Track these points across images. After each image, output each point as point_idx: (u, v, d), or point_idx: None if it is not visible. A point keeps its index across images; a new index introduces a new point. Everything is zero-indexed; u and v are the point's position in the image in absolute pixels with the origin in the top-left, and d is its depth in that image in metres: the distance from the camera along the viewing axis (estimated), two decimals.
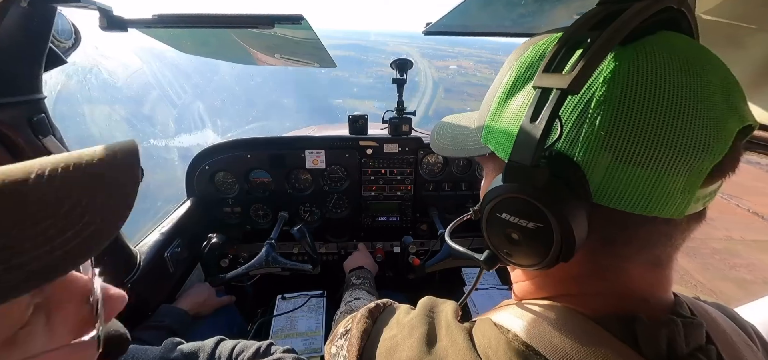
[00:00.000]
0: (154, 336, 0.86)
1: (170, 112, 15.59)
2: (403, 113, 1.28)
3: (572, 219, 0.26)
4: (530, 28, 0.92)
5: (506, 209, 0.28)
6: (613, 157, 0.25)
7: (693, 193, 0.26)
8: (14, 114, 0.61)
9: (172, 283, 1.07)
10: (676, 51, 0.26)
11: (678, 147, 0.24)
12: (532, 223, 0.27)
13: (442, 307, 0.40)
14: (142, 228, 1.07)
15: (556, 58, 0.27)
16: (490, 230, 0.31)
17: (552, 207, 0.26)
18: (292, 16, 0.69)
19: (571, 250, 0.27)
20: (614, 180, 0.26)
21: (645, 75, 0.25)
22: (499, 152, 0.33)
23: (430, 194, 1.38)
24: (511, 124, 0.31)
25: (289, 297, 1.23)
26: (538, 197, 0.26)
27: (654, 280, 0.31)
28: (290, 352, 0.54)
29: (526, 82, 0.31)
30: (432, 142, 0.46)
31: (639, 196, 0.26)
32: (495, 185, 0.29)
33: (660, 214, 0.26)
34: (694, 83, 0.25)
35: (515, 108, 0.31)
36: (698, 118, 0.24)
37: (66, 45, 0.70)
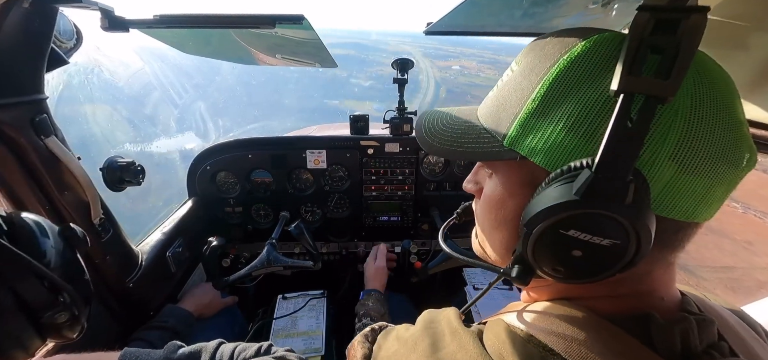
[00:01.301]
0: (159, 336, 0.86)
1: (172, 112, 15.63)
2: (404, 113, 1.28)
3: (652, 232, 0.25)
4: (532, 27, 0.91)
5: (579, 226, 0.25)
6: (678, 168, 0.26)
7: (725, 198, 0.28)
8: (16, 114, 0.61)
9: (173, 282, 1.07)
10: (716, 71, 0.27)
11: (730, 159, 0.26)
12: (607, 241, 0.25)
13: (443, 315, 0.38)
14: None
15: (635, 62, 0.24)
16: (542, 246, 0.28)
17: (641, 226, 0.24)
18: (293, 16, 0.69)
19: (635, 264, 0.26)
20: (673, 190, 0.26)
21: (706, 90, 0.26)
22: (539, 159, 0.29)
23: (431, 194, 1.38)
24: (567, 130, 0.27)
25: (290, 297, 1.23)
26: (628, 215, 0.24)
27: (667, 278, 0.32)
28: (291, 351, 0.54)
29: (581, 83, 0.27)
30: (422, 141, 0.40)
31: (689, 205, 0.27)
32: (562, 200, 0.25)
33: (699, 219, 0.28)
34: (734, 100, 0.27)
35: (573, 111, 0.27)
36: (740, 132, 0.26)
37: (68, 45, 0.70)
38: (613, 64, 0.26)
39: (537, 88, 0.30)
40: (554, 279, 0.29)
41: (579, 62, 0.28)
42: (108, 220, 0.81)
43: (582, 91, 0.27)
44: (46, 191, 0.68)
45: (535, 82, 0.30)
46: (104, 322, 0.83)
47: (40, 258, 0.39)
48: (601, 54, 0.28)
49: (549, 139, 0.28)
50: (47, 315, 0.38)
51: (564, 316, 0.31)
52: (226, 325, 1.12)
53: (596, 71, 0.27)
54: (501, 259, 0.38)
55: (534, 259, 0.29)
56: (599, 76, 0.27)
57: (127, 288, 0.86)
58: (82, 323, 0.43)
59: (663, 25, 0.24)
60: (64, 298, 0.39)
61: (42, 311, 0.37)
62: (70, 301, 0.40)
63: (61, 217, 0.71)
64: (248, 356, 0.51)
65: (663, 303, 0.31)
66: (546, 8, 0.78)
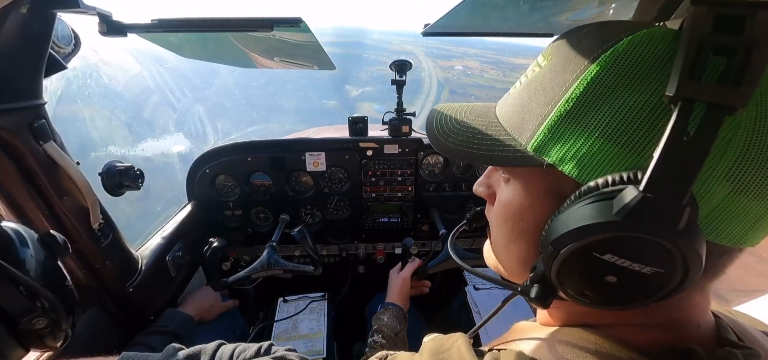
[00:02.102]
0: (159, 341, 0.86)
1: (170, 116, 15.62)
2: (402, 114, 1.28)
3: (703, 259, 0.21)
4: (532, 28, 0.92)
5: (616, 251, 0.22)
6: (733, 189, 0.22)
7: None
8: (15, 120, 0.61)
9: (173, 287, 1.07)
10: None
11: None
12: (650, 268, 0.22)
13: (454, 346, 0.33)
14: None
15: (696, 65, 0.20)
16: (569, 268, 0.24)
17: (692, 255, 0.21)
18: (291, 19, 0.70)
19: (677, 293, 0.23)
20: (725, 213, 0.23)
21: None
22: (569, 169, 0.25)
23: (431, 195, 1.38)
24: (605, 138, 0.24)
25: (290, 299, 1.23)
26: (680, 242, 0.20)
27: (702, 306, 0.28)
28: (291, 350, 0.54)
29: (627, 85, 0.24)
30: (434, 140, 0.37)
31: (741, 230, 0.23)
32: (598, 218, 0.22)
33: (746, 245, 0.24)
34: None
35: (614, 116, 0.24)
36: None
37: (66, 51, 0.70)
38: (667, 65, 0.22)
39: (572, 87, 0.26)
40: (579, 303, 0.26)
41: (625, 60, 0.24)
42: (107, 225, 0.81)
43: (627, 94, 0.23)
44: (45, 197, 0.68)
45: (569, 81, 0.26)
46: (105, 328, 0.83)
47: (17, 265, 0.38)
48: (653, 52, 0.24)
49: (583, 147, 0.25)
50: (24, 321, 0.38)
51: (592, 349, 0.27)
52: (227, 329, 1.12)
53: (646, 72, 0.23)
54: (516, 274, 0.35)
55: (558, 280, 0.26)
56: (650, 78, 0.23)
57: (127, 293, 0.86)
58: (65, 330, 0.43)
59: (725, 22, 0.20)
60: (41, 303, 0.39)
61: (18, 317, 0.37)
62: (49, 307, 0.40)
63: (61, 223, 0.71)
64: (248, 356, 0.50)
65: (699, 331, 0.27)
66: (544, 7, 0.78)
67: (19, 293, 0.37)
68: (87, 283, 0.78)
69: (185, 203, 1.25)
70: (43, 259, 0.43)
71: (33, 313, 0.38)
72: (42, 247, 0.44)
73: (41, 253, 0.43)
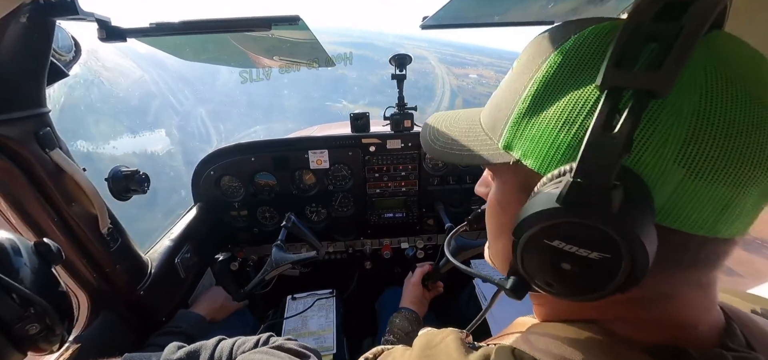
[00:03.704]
0: (171, 342, 0.87)
1: (173, 120, 15.72)
2: (404, 109, 1.28)
3: (649, 247, 0.21)
4: (530, 16, 0.90)
5: (562, 236, 0.23)
6: (687, 173, 0.22)
7: (759, 211, 0.24)
8: (21, 129, 0.62)
9: (184, 288, 1.08)
10: (742, 57, 0.23)
11: (758, 162, 0.22)
12: (596, 253, 0.22)
13: (442, 343, 0.33)
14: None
15: (626, 53, 0.21)
16: (529, 257, 0.26)
17: (630, 238, 0.21)
18: (289, 17, 0.69)
19: (635, 282, 0.23)
20: (683, 198, 0.23)
21: (723, 81, 0.22)
22: (531, 163, 0.27)
23: (435, 189, 1.38)
24: (557, 127, 0.25)
25: (299, 297, 1.24)
26: (612, 224, 0.21)
27: (702, 304, 0.27)
28: (290, 339, 0.55)
29: (572, 79, 0.25)
30: (425, 144, 0.39)
31: (708, 216, 0.23)
32: (543, 207, 0.23)
33: (723, 234, 0.24)
34: (767, 94, 0.23)
35: (564, 108, 0.25)
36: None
37: (67, 58, 0.70)
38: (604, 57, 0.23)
39: (529, 86, 0.28)
40: (549, 294, 0.27)
41: (572, 56, 0.26)
42: (116, 230, 0.82)
43: (573, 88, 0.25)
44: (53, 204, 0.69)
45: (526, 80, 0.28)
46: (118, 331, 0.84)
47: (10, 273, 0.41)
48: (595, 45, 0.25)
49: (540, 141, 0.26)
50: (18, 327, 0.40)
51: (577, 340, 0.27)
52: (238, 328, 1.13)
53: (590, 65, 0.25)
54: (504, 270, 0.35)
55: (524, 270, 0.27)
56: (593, 71, 0.24)
57: (139, 296, 0.87)
58: (60, 334, 0.46)
59: (670, 8, 0.20)
60: (34, 310, 0.41)
61: (12, 323, 0.40)
62: (41, 312, 0.42)
63: (70, 229, 0.72)
64: (247, 348, 0.51)
65: (696, 332, 0.27)
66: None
67: (12, 301, 0.40)
68: (99, 287, 0.80)
69: (191, 205, 1.27)
70: (37, 267, 0.45)
71: (26, 319, 0.41)
72: (36, 256, 0.46)
73: (35, 262, 0.45)
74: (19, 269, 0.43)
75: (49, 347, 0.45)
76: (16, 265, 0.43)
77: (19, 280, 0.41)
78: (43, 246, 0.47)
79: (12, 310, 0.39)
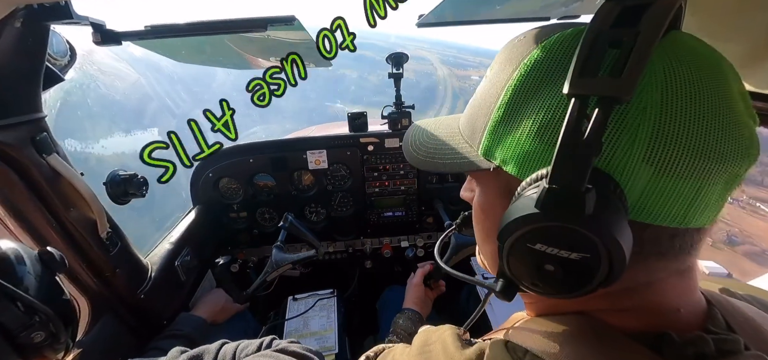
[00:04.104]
0: (174, 345, 0.87)
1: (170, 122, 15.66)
2: (401, 107, 1.28)
3: (624, 243, 0.22)
4: (524, 12, 0.90)
5: (543, 240, 0.24)
6: (655, 171, 0.23)
7: (725, 199, 0.26)
8: (17, 134, 0.61)
9: (184, 291, 1.08)
10: (699, 54, 0.24)
11: (719, 154, 0.23)
12: (575, 254, 0.23)
13: (439, 337, 0.35)
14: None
15: (589, 60, 0.22)
16: (514, 260, 0.26)
17: (606, 237, 0.22)
18: (284, 18, 0.69)
19: (615, 278, 0.24)
20: (654, 195, 0.24)
21: (682, 79, 0.23)
22: (510, 169, 0.28)
23: (434, 187, 1.38)
24: (533, 135, 0.26)
25: (300, 298, 1.24)
26: (588, 226, 0.22)
27: (682, 290, 0.29)
28: (294, 342, 0.55)
29: (543, 86, 0.26)
30: (407, 154, 0.40)
31: (678, 209, 0.24)
32: (524, 213, 0.24)
33: (694, 224, 0.25)
34: (724, 89, 0.24)
35: (537, 116, 0.26)
36: (733, 123, 0.23)
37: (62, 62, 0.70)
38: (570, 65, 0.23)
39: (501, 94, 0.29)
40: (536, 293, 0.28)
41: (540, 64, 0.27)
42: (115, 234, 0.82)
43: (545, 96, 0.26)
44: (52, 209, 0.68)
45: (500, 88, 0.29)
46: (119, 335, 0.84)
47: (14, 282, 0.41)
48: (561, 52, 0.26)
49: (518, 147, 0.27)
50: (23, 335, 0.40)
51: (566, 331, 0.29)
52: (240, 330, 1.13)
53: (558, 73, 0.26)
54: (495, 271, 0.36)
55: (511, 272, 0.28)
56: (559, 78, 0.25)
57: (139, 299, 0.87)
58: (65, 342, 0.46)
59: (627, 15, 0.22)
60: (39, 317, 0.41)
61: (17, 331, 0.40)
62: (46, 320, 0.42)
63: (69, 234, 0.72)
64: (250, 352, 0.51)
65: (680, 315, 0.28)
66: None
67: (17, 309, 0.40)
68: (99, 292, 0.80)
69: (190, 208, 1.26)
70: (41, 275, 0.46)
71: (31, 327, 0.41)
72: (39, 264, 0.46)
73: (39, 270, 0.46)
74: (24, 278, 0.43)
75: (54, 355, 0.45)
76: (20, 273, 0.43)
77: (23, 288, 0.42)
78: (46, 254, 0.47)
79: (17, 318, 0.40)
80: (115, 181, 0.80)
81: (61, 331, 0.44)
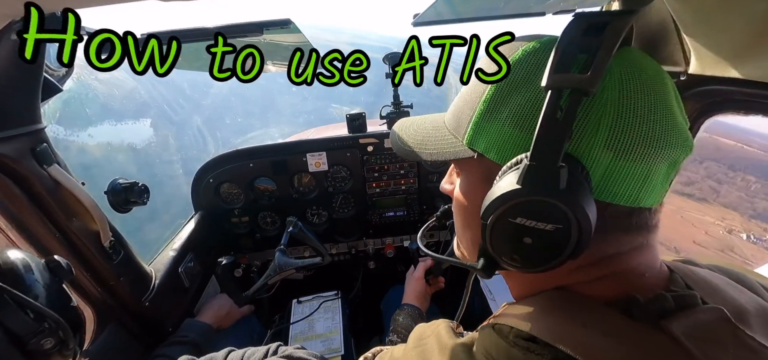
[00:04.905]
0: (180, 351, 0.87)
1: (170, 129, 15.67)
2: (400, 107, 1.28)
3: (591, 216, 0.26)
4: (522, 8, 0.90)
5: (523, 213, 0.27)
6: (614, 155, 0.28)
7: (668, 184, 0.31)
8: (17, 146, 0.61)
9: (189, 297, 1.09)
10: (646, 63, 0.30)
11: (663, 142, 0.28)
12: (550, 225, 0.27)
13: (433, 330, 0.38)
14: None
15: (563, 61, 0.27)
16: (497, 236, 0.30)
17: (576, 208, 0.26)
18: (280, 21, 0.69)
19: (583, 247, 0.27)
20: (613, 177, 0.28)
21: (635, 79, 0.28)
22: (492, 155, 0.32)
23: (435, 185, 1.38)
24: (513, 125, 0.30)
25: (304, 300, 1.24)
26: (561, 198, 0.26)
27: (645, 260, 0.32)
28: (300, 349, 0.55)
29: (522, 84, 0.31)
30: (394, 146, 0.44)
31: (632, 190, 0.29)
32: (507, 190, 0.28)
33: (645, 204, 0.30)
34: (665, 92, 0.29)
35: (516, 109, 0.30)
36: (672, 119, 0.29)
37: (60, 73, 0.70)
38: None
39: (486, 91, 0.33)
40: (515, 269, 0.31)
41: (520, 65, 0.31)
42: (118, 242, 0.82)
43: (524, 91, 0.30)
44: (54, 220, 0.69)
45: (484, 86, 0.33)
46: (125, 343, 0.84)
47: (23, 290, 0.42)
48: (540, 56, 0.31)
49: (499, 137, 0.31)
50: (33, 342, 0.41)
51: (547, 305, 0.32)
52: (245, 334, 1.14)
53: (535, 72, 0.30)
54: (473, 257, 0.38)
55: (493, 249, 0.31)
56: (538, 76, 0.29)
57: (144, 307, 0.87)
58: (73, 348, 0.46)
59: (593, 28, 0.27)
60: (48, 324, 0.42)
61: (27, 338, 0.41)
62: (55, 327, 0.43)
63: (72, 244, 0.72)
64: (258, 356, 0.52)
65: (644, 280, 0.32)
66: None
67: (27, 316, 0.41)
68: (103, 300, 0.80)
69: (192, 214, 1.26)
70: (49, 283, 0.46)
71: (40, 334, 0.42)
72: (47, 272, 0.47)
73: (47, 278, 0.46)
74: (32, 285, 0.44)
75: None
76: (29, 281, 0.44)
77: (32, 296, 0.43)
78: (53, 262, 0.48)
79: (27, 325, 0.41)
80: (117, 190, 0.80)
81: (69, 338, 0.45)
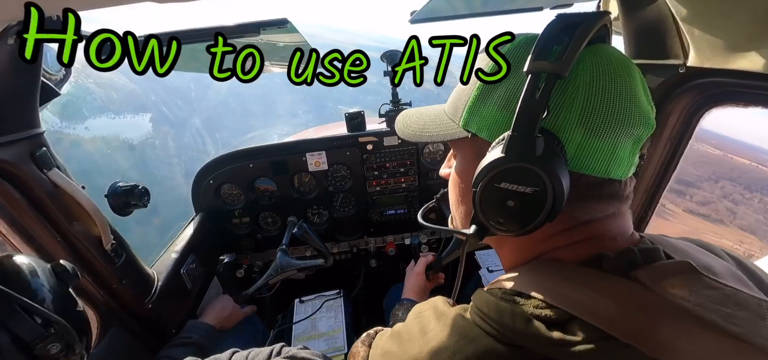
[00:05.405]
0: (183, 352, 0.88)
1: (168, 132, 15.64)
2: (398, 105, 1.27)
3: (563, 182, 0.31)
4: (518, 3, 0.89)
5: (506, 178, 0.33)
6: (585, 132, 0.33)
7: (635, 158, 0.36)
8: (16, 151, 0.61)
9: (191, 298, 1.09)
10: (615, 55, 0.35)
11: (628, 120, 0.33)
12: (529, 188, 0.32)
13: (429, 304, 0.43)
14: None
15: (541, 51, 0.32)
16: (486, 202, 0.35)
17: (550, 172, 0.31)
18: (277, 21, 0.69)
19: (558, 209, 0.32)
20: (584, 150, 0.33)
21: (603, 68, 0.33)
22: (483, 134, 0.37)
23: (435, 182, 1.38)
24: (501, 107, 0.36)
25: (306, 300, 1.25)
26: (538, 164, 0.31)
27: (617, 227, 0.37)
28: (304, 349, 0.56)
29: (513, 72, 0.35)
30: (399, 131, 0.49)
31: (602, 163, 0.34)
32: (493, 158, 0.33)
33: (615, 176, 0.35)
34: (631, 78, 0.34)
35: (504, 93, 0.36)
36: (638, 100, 0.34)
37: (57, 77, 0.70)
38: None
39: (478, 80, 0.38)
40: (501, 232, 0.36)
41: (508, 57, 0.36)
42: (119, 245, 0.82)
43: (509, 79, 0.36)
44: (55, 224, 0.69)
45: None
46: (128, 346, 0.85)
47: (30, 295, 0.42)
48: (524, 49, 0.35)
49: (489, 117, 0.37)
50: (39, 346, 0.41)
51: (532, 269, 0.38)
52: (248, 335, 1.14)
53: (521, 62, 0.34)
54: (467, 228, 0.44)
55: (482, 213, 0.36)
56: (522, 66, 0.33)
57: (147, 309, 0.87)
58: (79, 353, 0.47)
59: (570, 26, 0.32)
60: (55, 329, 0.42)
61: (33, 343, 0.41)
62: (61, 332, 0.43)
63: (74, 248, 0.72)
64: (263, 358, 0.52)
65: (616, 242, 0.36)
66: None
67: (33, 321, 0.41)
68: (106, 303, 0.80)
69: (193, 216, 1.27)
70: (55, 287, 0.47)
71: (47, 339, 0.42)
72: (53, 277, 0.47)
73: (53, 283, 0.47)
74: (38, 290, 0.44)
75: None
76: (35, 286, 0.44)
77: (38, 301, 0.43)
78: (59, 267, 0.48)
79: (33, 330, 0.41)
80: (117, 193, 0.80)
81: (75, 342, 0.45)
